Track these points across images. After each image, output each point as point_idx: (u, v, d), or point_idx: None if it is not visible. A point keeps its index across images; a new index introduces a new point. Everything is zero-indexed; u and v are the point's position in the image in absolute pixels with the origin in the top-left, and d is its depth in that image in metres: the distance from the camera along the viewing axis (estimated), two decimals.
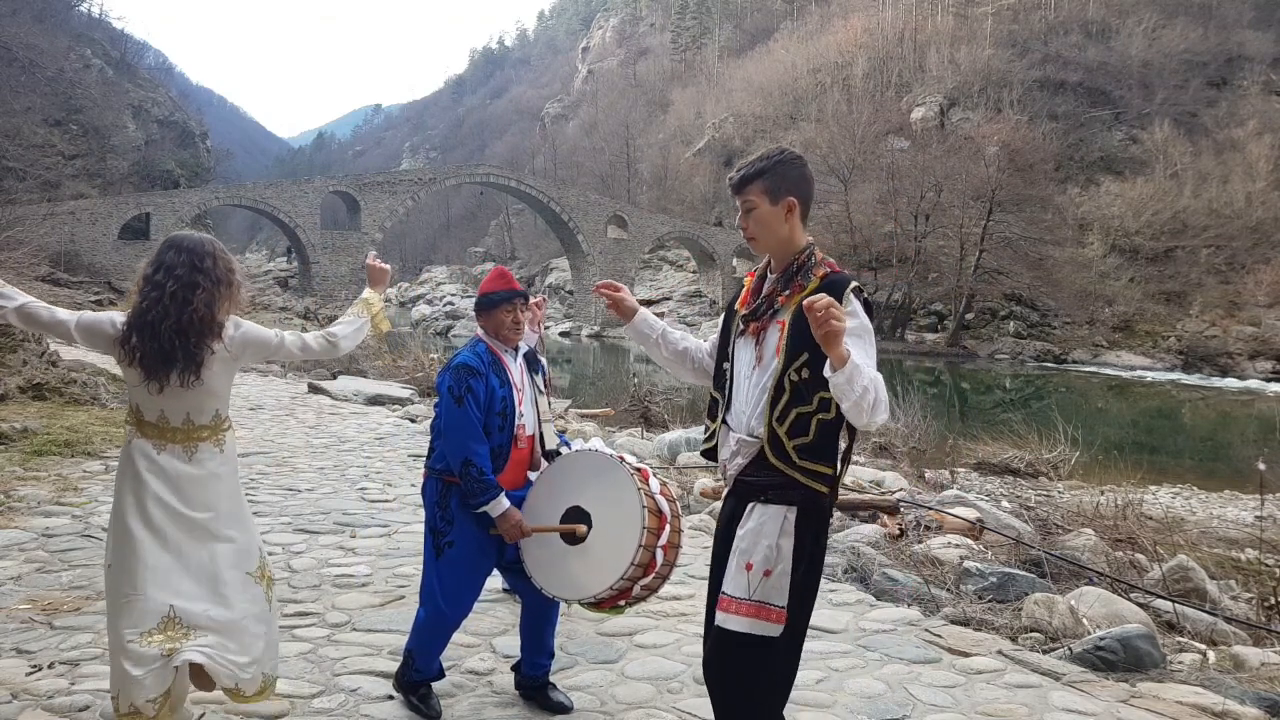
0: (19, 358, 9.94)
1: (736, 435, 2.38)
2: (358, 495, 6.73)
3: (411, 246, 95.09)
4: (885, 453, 12.09)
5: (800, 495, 2.25)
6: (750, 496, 2.31)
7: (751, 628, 2.24)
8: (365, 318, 3.12)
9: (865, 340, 2.22)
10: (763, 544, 2.25)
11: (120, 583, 2.61)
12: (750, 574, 2.25)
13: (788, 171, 2.37)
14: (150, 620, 2.56)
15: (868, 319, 2.25)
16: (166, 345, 2.58)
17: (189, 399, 2.67)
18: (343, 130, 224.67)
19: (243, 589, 2.74)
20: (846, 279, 2.31)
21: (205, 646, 2.59)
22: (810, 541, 2.27)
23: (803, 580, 2.27)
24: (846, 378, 2.05)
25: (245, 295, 2.82)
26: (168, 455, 2.66)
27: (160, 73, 74.87)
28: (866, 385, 2.07)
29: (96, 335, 2.66)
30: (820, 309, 1.99)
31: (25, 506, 5.77)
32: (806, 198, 2.40)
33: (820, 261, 2.37)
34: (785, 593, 2.24)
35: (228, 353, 2.70)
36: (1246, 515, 10.09)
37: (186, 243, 2.72)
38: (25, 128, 44.04)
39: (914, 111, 61.49)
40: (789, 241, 2.38)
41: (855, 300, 2.25)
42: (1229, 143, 50.77)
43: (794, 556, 2.24)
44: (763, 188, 2.36)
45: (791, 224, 2.37)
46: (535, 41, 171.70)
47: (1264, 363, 39.86)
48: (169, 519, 2.63)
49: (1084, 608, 4.67)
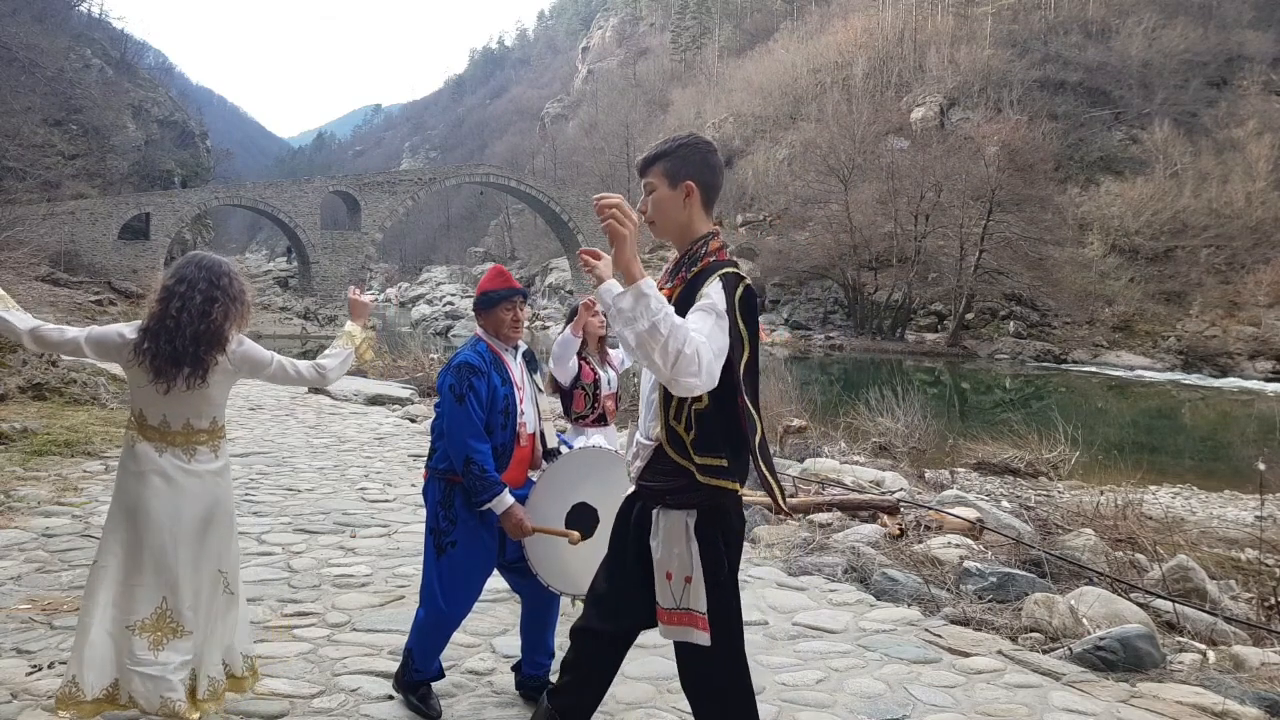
0: (19, 358, 9.94)
1: (636, 437, 2.36)
2: (358, 495, 6.73)
3: (411, 246, 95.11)
4: (885, 453, 12.09)
5: (699, 498, 2.20)
6: (653, 502, 2.27)
7: (685, 636, 2.22)
8: (350, 349, 3.33)
9: (710, 317, 2.10)
10: (673, 551, 2.22)
11: (114, 577, 2.78)
12: (671, 583, 2.22)
13: (689, 155, 2.30)
14: (145, 609, 2.76)
15: (725, 303, 2.13)
16: (180, 350, 2.78)
17: (190, 404, 2.86)
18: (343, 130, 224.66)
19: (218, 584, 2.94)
20: (721, 265, 2.22)
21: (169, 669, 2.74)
22: (719, 544, 2.22)
23: (724, 583, 2.23)
24: (632, 300, 1.95)
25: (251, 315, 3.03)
26: (169, 456, 2.84)
27: (160, 73, 74.80)
28: (659, 324, 1.93)
29: (106, 346, 2.87)
30: (605, 205, 1.96)
31: (25, 506, 5.77)
32: (708, 184, 2.31)
33: (713, 250, 2.28)
34: (704, 599, 2.20)
35: (230, 366, 2.91)
36: (1246, 515, 10.08)
37: (206, 261, 2.96)
38: (25, 128, 44.04)
39: (914, 111, 61.49)
40: (687, 227, 2.31)
41: (718, 281, 2.17)
42: (1229, 143, 50.76)
43: (704, 561, 2.20)
44: (662, 170, 2.30)
45: (690, 209, 2.30)
46: (535, 41, 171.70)
47: (1264, 363, 39.85)
48: (167, 517, 2.80)
49: (1084, 608, 4.67)
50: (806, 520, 6.81)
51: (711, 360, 2.03)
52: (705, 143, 2.36)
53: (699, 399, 2.17)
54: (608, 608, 2.36)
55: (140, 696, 2.74)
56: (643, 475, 2.30)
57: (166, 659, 2.75)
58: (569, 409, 4.70)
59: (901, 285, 48.82)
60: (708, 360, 2.01)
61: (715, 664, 2.24)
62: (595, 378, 4.65)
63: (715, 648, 2.22)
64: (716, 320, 2.11)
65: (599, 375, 4.68)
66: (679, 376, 1.98)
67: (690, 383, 2.00)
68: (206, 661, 2.88)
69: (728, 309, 2.13)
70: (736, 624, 2.27)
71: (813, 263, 51.35)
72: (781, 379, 15.10)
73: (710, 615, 2.20)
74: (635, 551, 2.30)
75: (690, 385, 2.00)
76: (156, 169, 53.03)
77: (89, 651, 2.72)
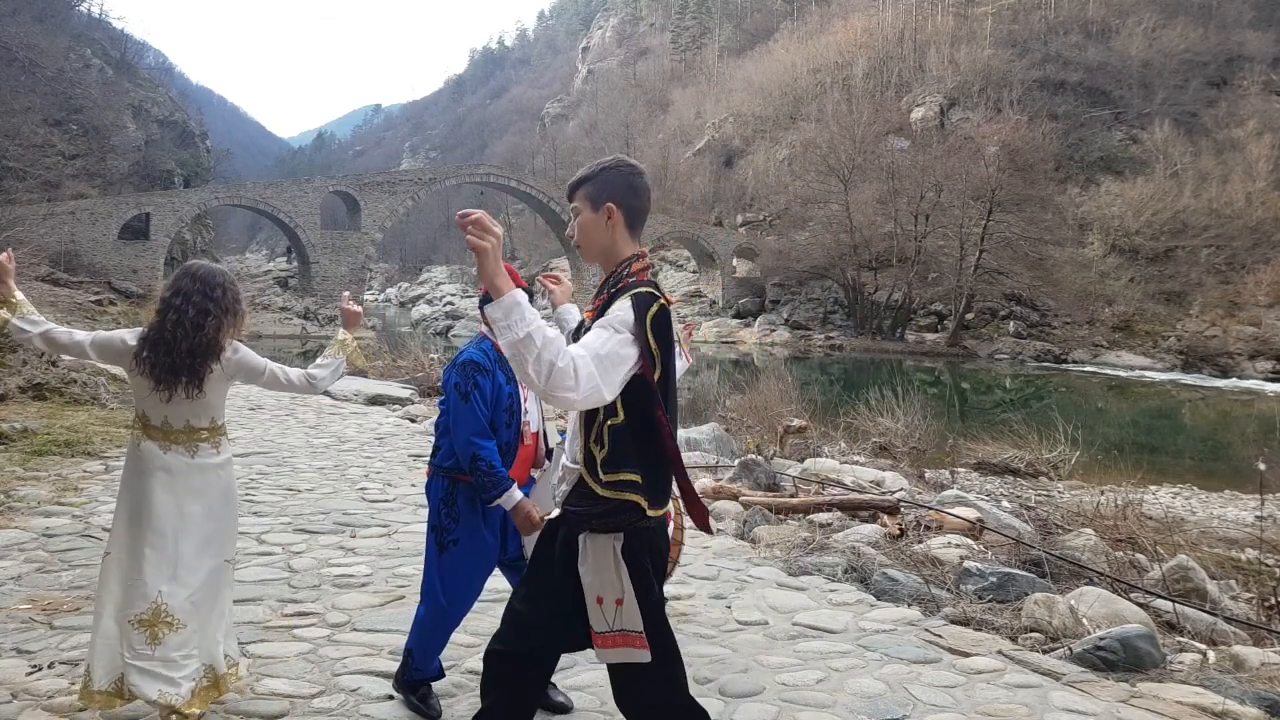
0: (19, 358, 9.94)
1: (563, 461, 2.36)
2: (358, 495, 6.73)
3: (411, 246, 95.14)
4: (885, 453, 12.10)
5: (623, 520, 2.19)
6: (579, 527, 2.26)
7: (625, 656, 2.22)
8: (341, 358, 3.46)
9: (607, 334, 2.10)
10: (602, 577, 2.21)
11: (121, 569, 2.93)
12: (603, 607, 2.22)
13: (611, 179, 2.33)
14: (141, 605, 2.88)
15: (632, 321, 2.13)
16: (178, 362, 2.94)
17: (190, 407, 3.02)
18: (343, 130, 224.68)
19: (220, 574, 3.07)
20: (635, 286, 2.22)
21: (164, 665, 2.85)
22: (647, 564, 2.22)
23: (655, 601, 2.24)
24: (503, 312, 1.95)
25: (246, 322, 3.20)
26: (174, 454, 3.00)
27: (160, 73, 74.75)
28: (532, 335, 1.93)
29: (109, 351, 3.05)
30: (465, 222, 1.97)
31: (25, 506, 5.77)
32: (632, 206, 2.31)
33: (634, 272, 2.28)
34: (639, 618, 2.20)
35: (224, 373, 3.06)
36: (1246, 515, 10.08)
37: (201, 272, 3.09)
38: (25, 128, 44.02)
39: (914, 111, 61.49)
40: (611, 250, 2.32)
41: (628, 300, 2.17)
42: (1229, 143, 50.78)
43: (634, 583, 2.20)
44: (586, 194, 2.33)
45: (613, 232, 2.31)
46: (535, 41, 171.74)
47: (1264, 363, 39.86)
48: (171, 512, 2.95)
49: (1084, 608, 4.67)
50: (806, 520, 6.81)
51: (594, 374, 2.02)
52: (630, 166, 2.38)
53: (615, 414, 2.17)
54: (526, 629, 2.34)
55: (138, 689, 2.83)
56: (568, 500, 2.29)
57: (163, 654, 2.85)
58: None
59: (901, 285, 48.83)
60: (588, 374, 2.01)
61: (655, 681, 2.24)
62: None
63: (654, 664, 2.22)
64: (614, 335, 2.11)
65: None
66: (554, 390, 1.99)
67: (566, 397, 2.00)
68: (215, 654, 3.01)
69: (635, 327, 2.13)
70: (671, 641, 2.28)
71: (813, 263, 51.36)
72: (781, 379, 15.09)
73: (647, 633, 2.21)
74: (560, 576, 2.29)
75: (567, 400, 2.00)
76: (156, 169, 53.00)
77: (100, 643, 2.88)
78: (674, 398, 2.29)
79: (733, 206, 65.15)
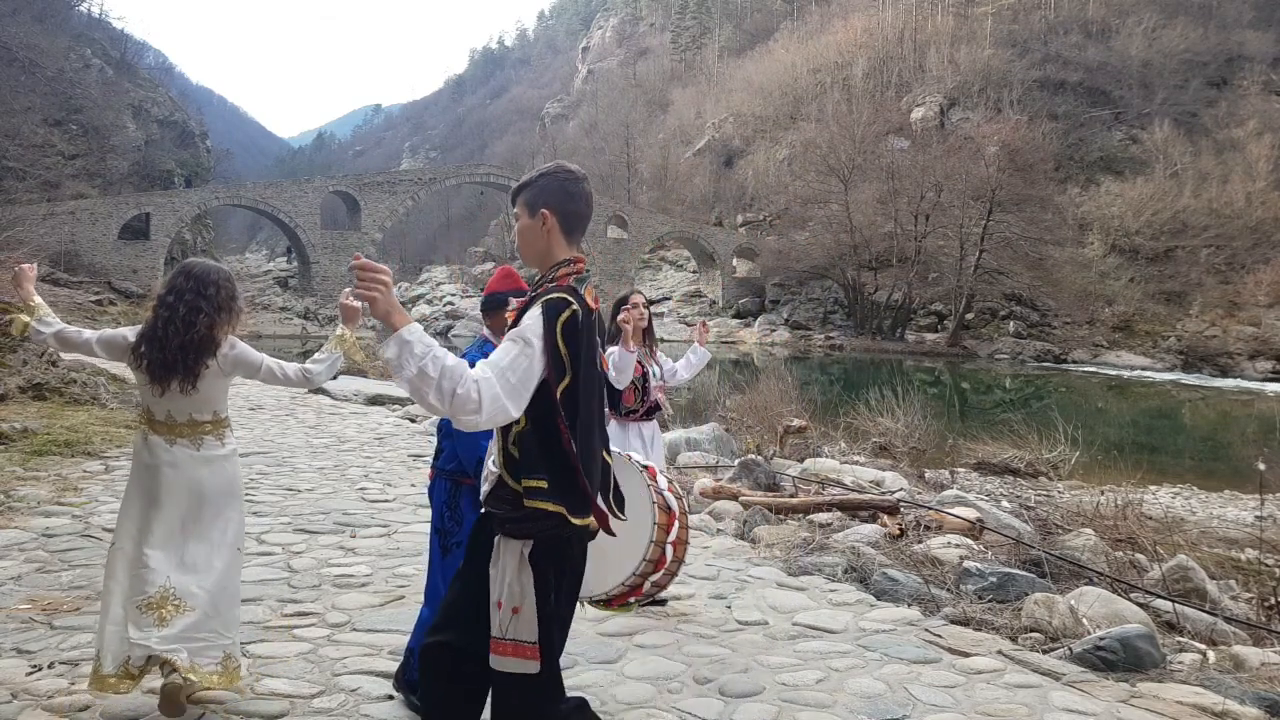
0: (19, 358, 9.94)
1: (488, 462, 2.37)
2: (358, 495, 6.73)
3: (411, 246, 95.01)
4: (885, 453, 12.09)
5: (536, 528, 2.19)
6: (496, 528, 2.27)
7: (514, 666, 2.21)
8: (338, 353, 3.47)
9: (515, 346, 2.13)
10: (506, 580, 2.22)
11: (127, 559, 3.02)
12: (500, 612, 2.22)
13: (547, 185, 2.35)
14: (149, 590, 2.96)
15: (541, 330, 2.15)
16: (171, 358, 3.01)
17: (190, 402, 3.08)
18: (343, 130, 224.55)
19: (231, 562, 3.15)
20: (550, 293, 2.24)
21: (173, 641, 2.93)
22: (554, 574, 2.21)
23: (554, 612, 2.22)
24: (396, 349, 1.98)
25: (243, 318, 3.25)
26: (179, 447, 3.08)
27: (160, 73, 74.76)
28: (426, 368, 1.97)
29: (114, 347, 3.15)
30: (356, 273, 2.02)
31: (25, 506, 5.77)
32: (568, 212, 2.33)
33: (559, 276, 2.29)
34: (535, 628, 2.19)
35: (220, 369, 3.10)
36: (1246, 515, 10.08)
37: (196, 270, 3.15)
38: (25, 128, 44.04)
39: (914, 111, 61.51)
40: (546, 254, 2.34)
41: (538, 308, 2.19)
42: (1229, 143, 50.79)
43: (537, 591, 2.19)
44: (524, 200, 2.36)
45: (550, 238, 2.33)
46: (535, 41, 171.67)
47: (1264, 363, 39.88)
48: (178, 503, 3.05)
49: (1084, 608, 4.67)
50: (806, 520, 6.81)
51: (499, 395, 2.05)
52: (567, 172, 2.38)
53: (519, 421, 2.18)
54: (457, 621, 2.33)
55: (141, 647, 2.92)
56: (488, 500, 2.30)
57: (170, 633, 2.92)
58: (617, 404, 4.76)
59: (901, 285, 48.84)
60: (491, 396, 2.04)
61: (532, 692, 2.23)
62: (644, 372, 4.74)
63: (542, 679, 2.21)
64: (521, 348, 2.13)
65: (646, 369, 4.77)
66: (458, 415, 2.03)
67: (471, 419, 2.03)
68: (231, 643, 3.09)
69: (543, 336, 2.15)
70: (558, 655, 2.28)
71: (813, 263, 51.37)
72: (781, 379, 15.09)
73: (541, 645, 2.20)
74: (483, 570, 2.30)
75: (472, 422, 2.04)
76: (156, 169, 53.00)
77: (110, 628, 2.97)
78: (593, 401, 2.27)
79: (733, 206, 65.14)
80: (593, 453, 2.27)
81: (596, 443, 2.30)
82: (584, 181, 2.40)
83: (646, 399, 4.77)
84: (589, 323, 2.25)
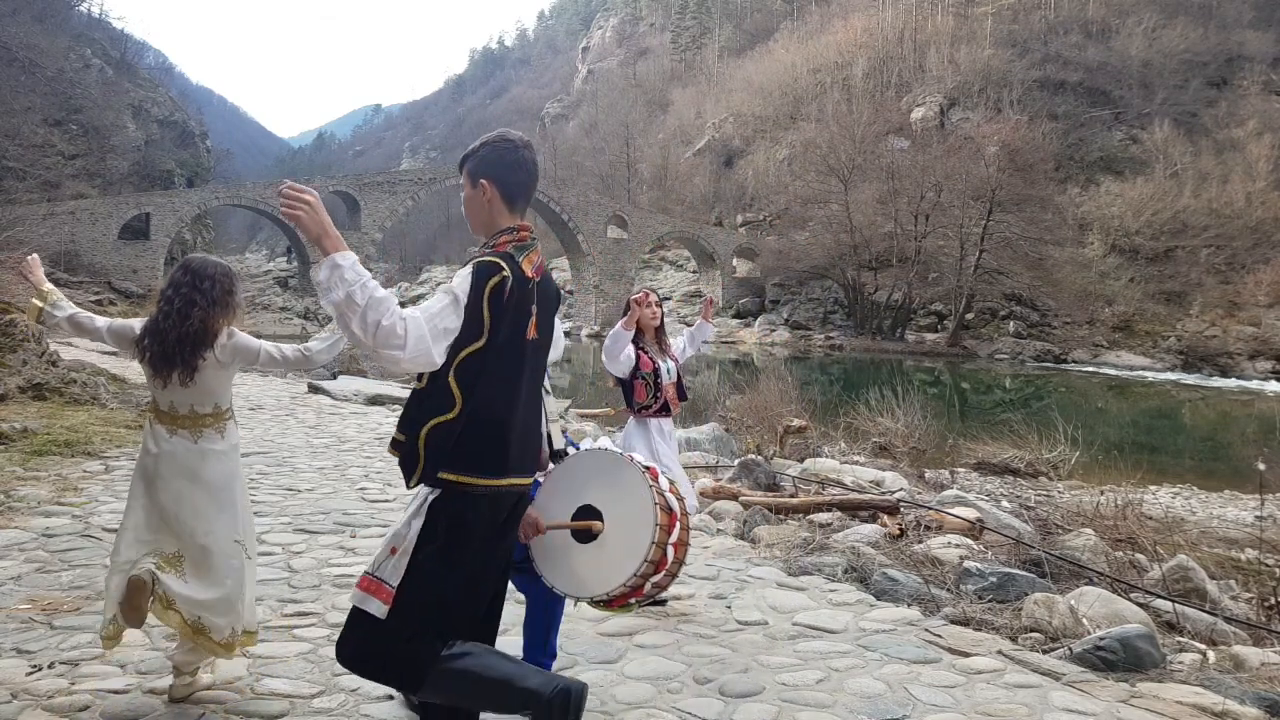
0: (19, 358, 9.93)
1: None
2: (358, 495, 6.73)
3: (411, 246, 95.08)
4: (885, 453, 12.10)
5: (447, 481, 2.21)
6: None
7: (365, 603, 2.20)
8: (339, 334, 3.51)
9: (445, 298, 2.15)
10: (401, 522, 2.25)
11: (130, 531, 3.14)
12: (382, 551, 2.25)
13: (487, 155, 2.36)
14: (145, 548, 3.13)
15: (467, 288, 2.16)
16: (169, 350, 3.10)
17: (191, 394, 3.16)
18: (343, 130, 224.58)
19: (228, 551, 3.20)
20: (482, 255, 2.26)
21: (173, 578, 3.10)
22: (443, 528, 2.20)
23: (425, 564, 2.19)
24: (326, 272, 2.00)
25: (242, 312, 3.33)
26: (179, 438, 3.16)
27: (160, 73, 74.79)
28: (354, 294, 1.98)
29: (123, 337, 3.25)
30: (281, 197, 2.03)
31: (25, 506, 5.76)
32: (507, 181, 2.35)
33: (499, 243, 2.30)
34: (400, 573, 2.18)
35: (219, 360, 3.16)
36: (1246, 515, 10.08)
37: (195, 264, 3.23)
38: (25, 128, 44.04)
39: (914, 111, 61.51)
40: (490, 223, 2.36)
41: (469, 268, 2.21)
42: (1229, 143, 50.80)
43: (419, 537, 2.19)
44: (467, 171, 2.38)
45: (493, 207, 2.34)
46: (535, 41, 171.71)
47: (1264, 363, 39.89)
48: (176, 492, 3.14)
49: (1084, 608, 4.67)
50: (806, 520, 6.81)
51: (425, 337, 2.06)
52: (507, 141, 2.39)
53: (418, 378, 2.21)
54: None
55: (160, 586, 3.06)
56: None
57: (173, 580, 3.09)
58: (631, 400, 4.74)
59: (901, 285, 48.84)
60: (418, 336, 2.05)
61: (375, 637, 2.20)
62: (655, 367, 4.70)
63: (387, 624, 2.19)
64: (451, 302, 2.15)
65: (659, 365, 4.73)
66: (380, 348, 2.03)
67: (393, 354, 2.04)
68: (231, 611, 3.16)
69: (469, 294, 2.16)
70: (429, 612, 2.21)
71: (813, 263, 51.37)
72: (781, 379, 15.09)
73: (399, 592, 2.18)
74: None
75: (394, 357, 2.05)
76: (156, 169, 53.01)
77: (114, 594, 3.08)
78: (513, 369, 2.28)
79: (733, 206, 65.15)
80: (505, 423, 2.26)
81: (516, 414, 2.29)
82: (524, 149, 2.39)
83: (659, 395, 4.74)
84: (524, 291, 2.26)
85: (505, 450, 2.27)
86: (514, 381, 2.30)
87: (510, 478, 2.29)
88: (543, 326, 2.37)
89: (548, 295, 2.42)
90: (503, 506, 2.33)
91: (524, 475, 2.38)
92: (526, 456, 2.39)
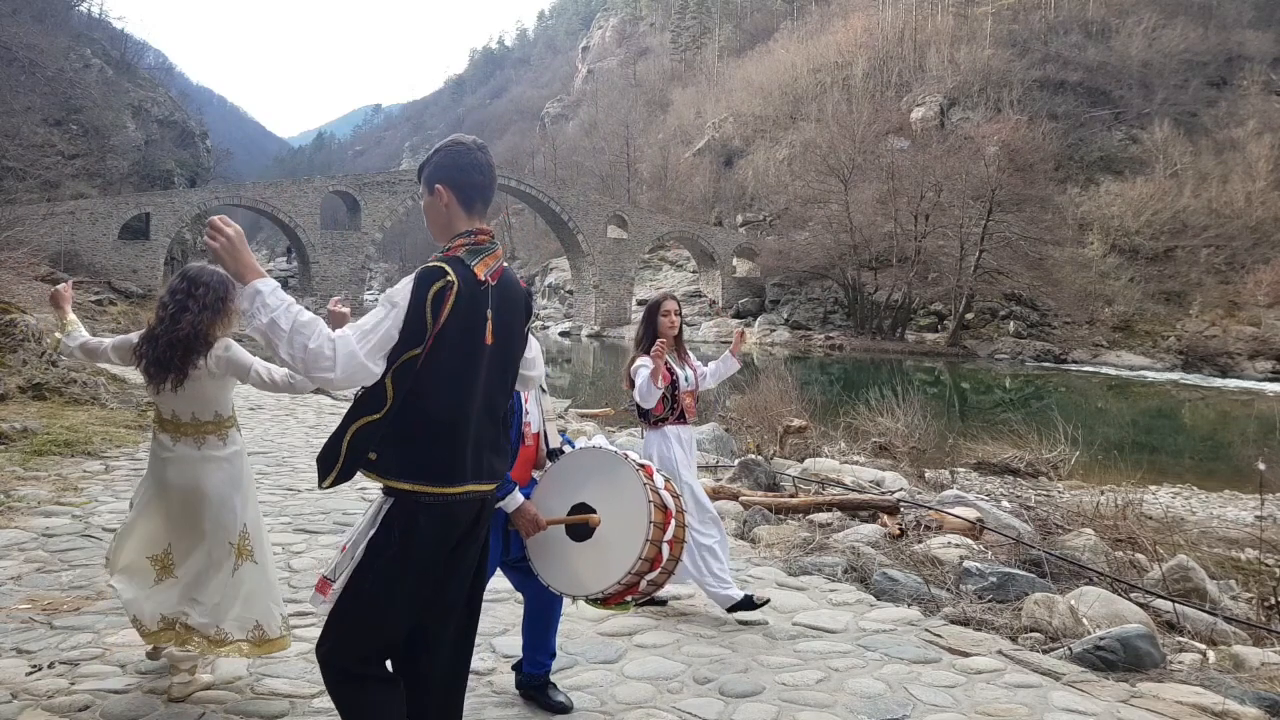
0: (19, 358, 9.94)
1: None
2: (358, 495, 6.73)
3: (411, 246, 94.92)
4: (885, 453, 12.10)
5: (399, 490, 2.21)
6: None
7: (314, 599, 2.27)
8: None
9: (381, 310, 2.15)
10: (356, 527, 2.28)
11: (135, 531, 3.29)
12: (337, 553, 2.29)
13: (440, 161, 2.35)
14: (153, 549, 3.26)
15: (409, 295, 2.15)
16: (162, 356, 3.16)
17: (189, 400, 3.21)
18: (343, 130, 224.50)
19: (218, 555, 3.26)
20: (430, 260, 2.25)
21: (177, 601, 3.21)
22: (396, 537, 2.19)
23: (378, 570, 2.19)
24: (248, 301, 2.03)
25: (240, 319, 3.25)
26: (182, 445, 3.24)
27: (160, 73, 74.66)
28: (277, 320, 2.00)
29: (125, 351, 3.33)
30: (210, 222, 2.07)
31: (25, 506, 5.77)
32: (461, 184, 2.32)
33: (453, 249, 2.28)
34: (347, 571, 2.20)
35: (211, 371, 3.19)
36: (1246, 515, 10.08)
37: (191, 271, 3.30)
38: (25, 128, 43.99)
39: (914, 111, 61.48)
40: (448, 228, 2.34)
41: (411, 277, 2.20)
42: (1229, 143, 50.77)
43: (370, 543, 2.20)
44: (424, 179, 2.37)
45: (450, 211, 2.32)
46: (535, 41, 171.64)
47: (1264, 363, 39.86)
48: (180, 495, 3.23)
49: (1084, 607, 4.67)
50: (806, 520, 6.81)
51: (356, 354, 2.07)
52: (460, 145, 2.37)
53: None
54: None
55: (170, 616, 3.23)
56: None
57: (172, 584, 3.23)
58: (647, 412, 4.66)
59: (901, 285, 48.81)
60: (347, 354, 2.06)
61: (329, 635, 2.23)
62: (673, 378, 4.65)
63: (330, 620, 2.22)
64: (387, 313, 2.15)
65: (676, 375, 4.69)
66: (310, 371, 2.05)
67: (324, 376, 2.06)
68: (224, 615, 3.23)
69: (410, 300, 2.15)
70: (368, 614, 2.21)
71: (813, 263, 51.34)
72: (781, 379, 15.09)
73: (343, 589, 2.20)
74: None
75: (325, 379, 2.07)
76: (156, 169, 52.96)
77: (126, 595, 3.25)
78: (460, 376, 2.24)
79: (733, 206, 65.13)
80: (453, 429, 2.23)
81: (468, 421, 2.26)
82: (478, 152, 2.37)
83: (676, 405, 4.69)
84: (474, 295, 2.23)
85: (455, 458, 2.23)
86: (466, 387, 2.26)
87: (466, 485, 2.25)
88: (501, 332, 2.31)
89: (508, 299, 2.36)
90: (459, 516, 2.27)
91: (484, 482, 2.32)
92: (487, 463, 2.33)
